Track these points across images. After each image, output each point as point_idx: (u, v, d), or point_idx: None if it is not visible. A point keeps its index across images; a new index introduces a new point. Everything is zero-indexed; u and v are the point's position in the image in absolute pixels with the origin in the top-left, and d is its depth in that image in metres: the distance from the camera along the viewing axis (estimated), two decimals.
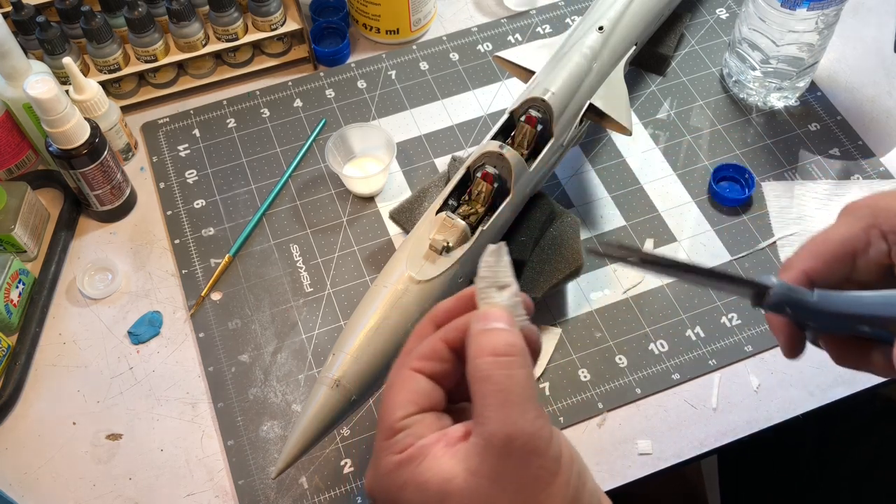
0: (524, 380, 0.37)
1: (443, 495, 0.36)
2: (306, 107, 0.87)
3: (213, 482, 0.66)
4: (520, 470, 0.35)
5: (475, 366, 0.37)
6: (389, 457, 0.37)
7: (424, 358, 0.40)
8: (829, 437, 0.80)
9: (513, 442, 0.35)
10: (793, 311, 0.44)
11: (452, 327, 0.40)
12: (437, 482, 0.36)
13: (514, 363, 0.37)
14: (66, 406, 0.69)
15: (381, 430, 0.39)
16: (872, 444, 0.78)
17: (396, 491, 0.37)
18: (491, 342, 0.37)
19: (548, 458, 0.35)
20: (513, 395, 0.36)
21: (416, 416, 0.38)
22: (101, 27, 0.79)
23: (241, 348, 0.72)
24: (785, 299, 0.43)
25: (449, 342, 0.40)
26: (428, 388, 0.39)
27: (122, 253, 0.78)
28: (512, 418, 0.35)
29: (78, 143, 0.71)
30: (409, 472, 0.36)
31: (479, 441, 0.36)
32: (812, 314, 0.44)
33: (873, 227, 0.46)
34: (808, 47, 0.78)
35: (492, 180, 0.63)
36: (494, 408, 0.36)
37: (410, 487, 0.36)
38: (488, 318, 0.38)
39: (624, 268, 0.74)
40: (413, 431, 0.38)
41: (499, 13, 0.94)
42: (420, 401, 0.39)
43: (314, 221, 0.79)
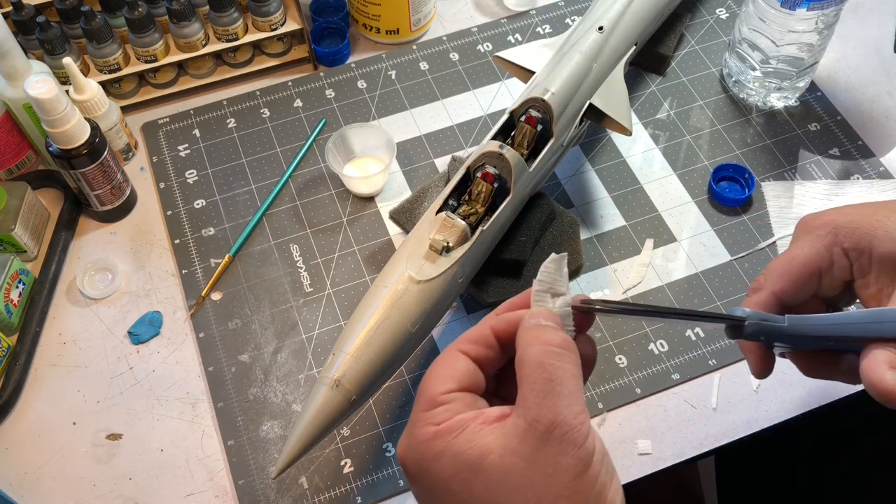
0: (573, 374, 0.39)
1: (477, 467, 0.37)
2: (306, 107, 0.87)
3: (213, 482, 0.66)
4: (557, 456, 0.37)
5: (527, 352, 0.39)
6: (427, 427, 0.39)
7: (471, 342, 0.42)
8: (827, 436, 0.80)
9: (555, 430, 0.37)
10: (766, 338, 0.46)
11: (503, 319, 0.42)
12: (473, 455, 0.37)
13: (566, 357, 0.39)
14: (66, 406, 0.69)
15: (421, 401, 0.40)
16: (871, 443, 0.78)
17: (431, 459, 0.38)
18: (545, 334, 0.39)
19: (583, 451, 0.37)
20: (561, 386, 0.38)
21: (457, 392, 0.40)
22: (102, 27, 0.79)
23: (241, 348, 0.72)
24: (759, 329, 0.45)
25: (497, 332, 0.42)
26: (471, 369, 0.41)
27: (122, 253, 0.78)
28: (557, 408, 0.37)
29: (78, 143, 0.71)
30: (446, 443, 0.38)
31: (521, 423, 0.37)
32: (785, 339, 0.46)
33: (835, 244, 0.48)
34: (808, 47, 0.78)
35: (492, 180, 0.63)
36: (542, 395, 0.37)
37: (446, 457, 0.38)
38: (540, 315, 0.41)
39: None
40: (452, 407, 0.39)
41: (499, 13, 0.94)
42: (462, 379, 0.40)
43: (314, 221, 0.79)
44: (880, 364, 0.43)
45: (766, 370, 0.50)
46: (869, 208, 0.50)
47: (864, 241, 0.48)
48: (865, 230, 0.48)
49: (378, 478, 0.65)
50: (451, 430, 0.39)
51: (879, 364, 0.43)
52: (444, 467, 0.38)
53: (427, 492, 0.40)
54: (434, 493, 0.39)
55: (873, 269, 0.48)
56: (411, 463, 0.40)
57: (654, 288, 0.74)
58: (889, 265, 0.47)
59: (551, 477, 0.37)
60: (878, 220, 0.48)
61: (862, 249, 0.48)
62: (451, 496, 0.38)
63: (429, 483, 0.39)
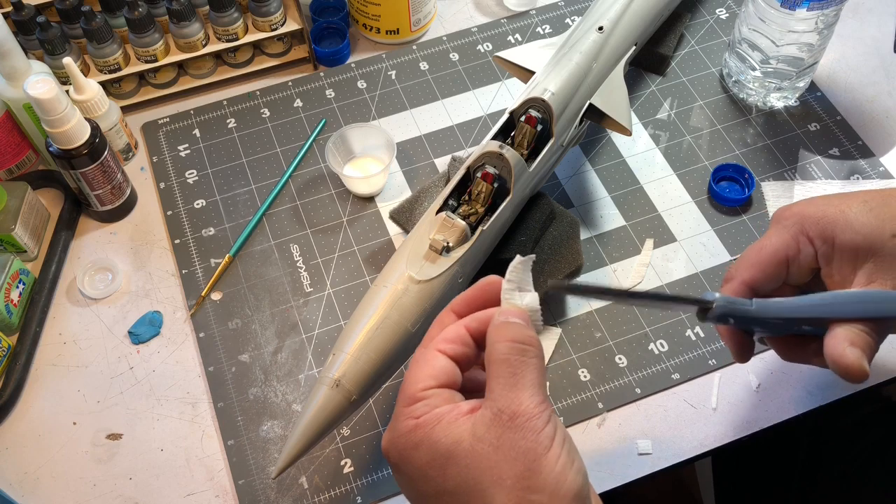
0: (536, 368, 0.42)
1: (450, 454, 0.41)
2: (306, 107, 0.87)
3: (213, 482, 0.66)
4: (518, 441, 0.40)
5: (495, 349, 0.43)
6: (407, 420, 0.43)
7: (448, 341, 0.45)
8: (826, 436, 0.80)
9: (517, 418, 0.41)
10: (735, 320, 0.48)
11: (475, 318, 0.46)
12: (447, 443, 0.42)
13: (530, 352, 0.43)
14: (67, 406, 0.69)
15: (402, 398, 0.44)
16: (871, 443, 0.78)
17: (411, 449, 0.43)
18: (511, 331, 0.43)
19: (543, 435, 0.41)
20: (524, 379, 0.42)
21: (435, 389, 0.44)
22: (102, 27, 0.79)
23: (242, 348, 0.72)
24: (727, 311, 0.48)
25: (471, 331, 0.46)
26: (448, 367, 0.44)
27: (122, 253, 0.78)
28: (520, 398, 0.41)
29: (78, 143, 0.71)
30: (423, 433, 0.42)
31: (488, 413, 0.41)
32: (753, 321, 0.49)
33: (801, 233, 0.51)
34: (808, 47, 0.78)
35: (492, 180, 0.63)
36: (507, 387, 0.41)
37: (424, 446, 0.42)
38: (509, 313, 0.44)
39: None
40: (430, 402, 0.43)
41: (499, 13, 0.94)
42: (439, 376, 0.44)
43: (314, 221, 0.79)
44: (840, 341, 0.46)
45: (744, 354, 0.52)
46: (835, 199, 0.52)
47: (827, 231, 0.50)
48: (829, 220, 0.50)
49: (378, 478, 0.65)
50: (428, 422, 0.42)
51: (840, 341, 0.46)
52: (422, 456, 0.42)
53: (408, 479, 0.44)
54: (413, 480, 0.43)
55: (835, 256, 0.50)
56: (394, 453, 0.44)
57: (654, 288, 0.74)
58: (849, 253, 0.49)
59: (514, 460, 0.40)
60: (841, 211, 0.50)
61: (826, 238, 0.50)
62: (427, 481, 0.42)
63: (409, 470, 0.43)
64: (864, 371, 0.46)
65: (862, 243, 0.47)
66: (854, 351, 0.46)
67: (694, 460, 0.66)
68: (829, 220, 0.49)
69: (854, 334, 0.46)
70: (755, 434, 0.67)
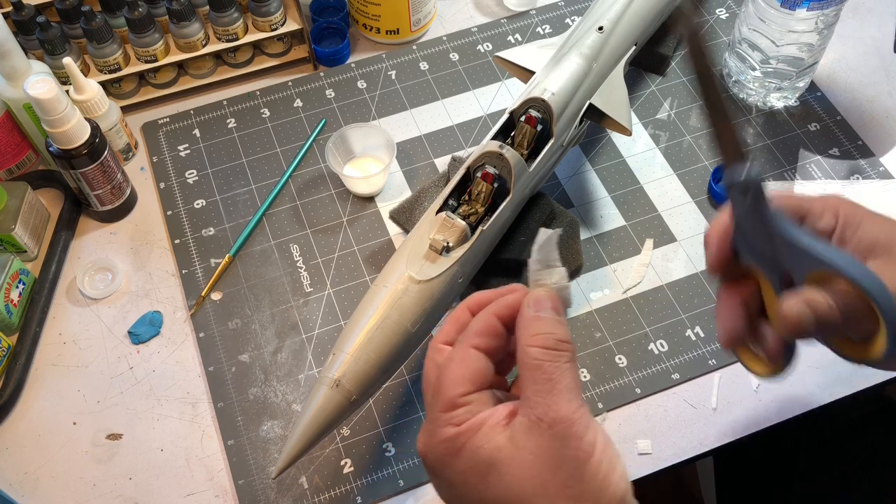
0: (571, 372, 0.42)
1: (492, 462, 0.41)
2: (306, 107, 0.87)
3: (213, 482, 0.66)
4: (559, 450, 0.40)
5: (528, 353, 0.42)
6: (448, 427, 0.42)
7: (481, 334, 0.44)
8: (826, 436, 0.80)
9: (556, 426, 0.40)
10: (753, 202, 0.45)
11: (504, 304, 0.45)
12: (488, 450, 0.41)
13: (564, 357, 0.42)
14: (67, 406, 0.69)
15: (440, 400, 0.43)
16: (870, 443, 0.78)
17: (451, 455, 0.42)
18: (542, 330, 0.42)
19: (584, 443, 0.40)
20: (560, 385, 0.41)
21: (474, 394, 0.43)
22: (102, 27, 0.79)
23: (241, 348, 0.72)
24: (759, 181, 0.45)
25: (501, 318, 0.45)
26: (483, 367, 0.44)
27: (122, 253, 0.78)
28: (558, 405, 0.41)
29: (78, 143, 0.71)
30: (465, 440, 0.42)
31: (526, 421, 0.41)
32: (761, 218, 0.46)
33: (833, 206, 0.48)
34: (808, 47, 0.78)
35: (492, 180, 0.63)
36: (543, 394, 0.41)
37: (465, 453, 0.42)
38: (540, 304, 0.43)
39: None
40: (470, 409, 0.43)
41: (499, 13, 0.94)
42: (477, 379, 0.43)
43: (314, 221, 0.79)
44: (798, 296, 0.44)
45: (720, 265, 0.49)
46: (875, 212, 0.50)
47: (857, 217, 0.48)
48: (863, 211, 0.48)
49: (378, 478, 0.65)
50: (469, 429, 0.42)
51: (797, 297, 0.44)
52: (463, 462, 0.42)
53: (447, 484, 0.43)
54: (454, 486, 0.43)
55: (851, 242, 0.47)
56: (432, 458, 0.43)
57: (653, 288, 0.74)
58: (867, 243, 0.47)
59: (557, 469, 0.40)
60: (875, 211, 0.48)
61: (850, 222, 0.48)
62: (468, 488, 0.42)
63: (449, 476, 0.43)
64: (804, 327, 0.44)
65: (883, 239, 0.46)
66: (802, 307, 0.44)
67: (694, 460, 0.66)
68: (863, 211, 0.48)
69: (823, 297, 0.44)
70: (755, 434, 0.67)
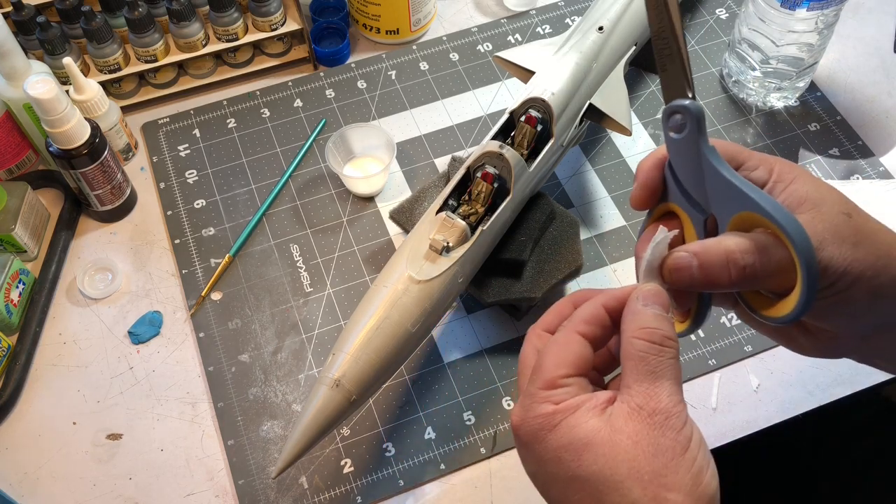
0: (673, 367, 0.42)
1: (588, 441, 0.41)
2: (306, 107, 0.87)
3: (213, 482, 0.66)
4: (658, 438, 0.41)
5: (633, 345, 0.43)
6: (546, 404, 0.43)
7: (587, 322, 0.45)
8: (827, 436, 0.80)
9: (655, 415, 0.41)
10: (689, 135, 0.45)
11: (613, 296, 0.45)
12: (585, 430, 0.42)
13: (668, 352, 0.42)
14: (67, 406, 0.69)
15: (541, 378, 0.44)
16: (871, 443, 0.78)
17: (546, 431, 0.43)
18: (647, 323, 0.43)
19: (682, 435, 0.41)
20: (663, 378, 0.42)
21: (574, 377, 0.44)
22: (102, 27, 0.79)
23: (241, 348, 0.72)
24: (700, 115, 0.44)
25: (608, 310, 0.45)
26: (585, 354, 0.44)
27: (122, 253, 0.78)
28: (659, 396, 0.41)
29: (78, 143, 0.71)
30: (561, 418, 0.42)
31: (626, 407, 0.42)
32: (695, 153, 0.45)
33: (769, 162, 0.47)
34: (808, 47, 0.78)
35: (492, 180, 0.63)
36: (645, 383, 0.42)
37: (561, 430, 0.42)
38: (648, 298, 0.44)
39: None
40: (570, 390, 0.43)
41: (499, 13, 0.94)
42: (578, 364, 0.44)
43: (314, 221, 0.79)
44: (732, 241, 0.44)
45: (647, 199, 0.49)
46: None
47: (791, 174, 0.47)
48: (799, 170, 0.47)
49: (378, 478, 0.65)
50: (567, 408, 0.42)
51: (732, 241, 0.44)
52: (558, 439, 0.42)
53: (538, 459, 0.43)
54: (544, 461, 0.43)
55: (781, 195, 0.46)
56: (526, 432, 0.44)
57: None
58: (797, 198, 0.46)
59: (653, 456, 0.40)
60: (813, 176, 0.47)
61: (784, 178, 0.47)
62: (560, 464, 0.42)
63: (541, 451, 0.43)
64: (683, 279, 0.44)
65: (813, 195, 0.45)
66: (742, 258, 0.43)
67: None
68: (799, 170, 0.47)
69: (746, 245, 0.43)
70: (755, 434, 0.67)
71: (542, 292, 0.68)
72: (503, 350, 0.71)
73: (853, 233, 0.44)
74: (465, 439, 0.67)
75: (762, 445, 0.80)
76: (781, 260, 0.43)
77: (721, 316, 0.72)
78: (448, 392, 0.69)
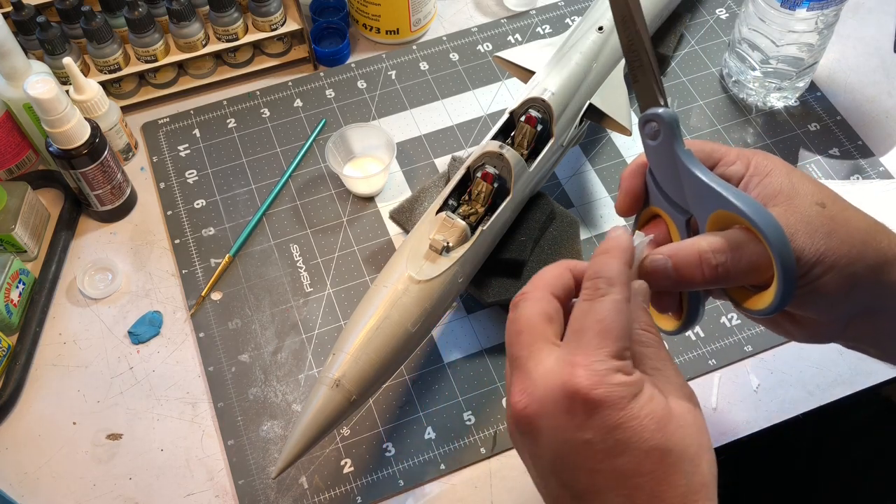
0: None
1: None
2: (306, 107, 0.87)
3: (213, 482, 0.66)
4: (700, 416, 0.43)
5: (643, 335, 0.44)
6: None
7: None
8: (827, 436, 0.80)
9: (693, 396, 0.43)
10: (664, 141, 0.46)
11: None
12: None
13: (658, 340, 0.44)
14: (67, 406, 0.69)
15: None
16: (871, 443, 0.78)
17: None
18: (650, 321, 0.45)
19: None
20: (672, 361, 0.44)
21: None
22: (102, 27, 0.79)
23: (241, 348, 0.72)
24: (673, 121, 0.46)
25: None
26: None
27: (122, 253, 0.78)
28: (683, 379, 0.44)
29: (78, 144, 0.71)
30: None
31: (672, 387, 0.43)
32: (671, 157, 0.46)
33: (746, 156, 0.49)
34: (808, 47, 0.78)
35: (492, 180, 0.63)
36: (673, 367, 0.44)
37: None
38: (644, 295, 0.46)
39: None
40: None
41: (499, 13, 0.94)
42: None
43: (314, 221, 0.79)
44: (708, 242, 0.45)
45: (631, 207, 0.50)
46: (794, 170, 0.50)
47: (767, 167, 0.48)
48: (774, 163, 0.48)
49: (378, 478, 0.65)
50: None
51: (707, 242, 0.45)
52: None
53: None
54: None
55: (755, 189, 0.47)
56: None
57: None
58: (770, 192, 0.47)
59: (705, 431, 0.43)
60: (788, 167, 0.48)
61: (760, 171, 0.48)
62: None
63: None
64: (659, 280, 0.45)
65: (787, 188, 0.46)
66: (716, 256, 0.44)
67: None
68: (775, 162, 0.48)
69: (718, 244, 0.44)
70: (755, 434, 0.67)
71: None
72: (503, 350, 0.71)
73: (826, 222, 0.44)
74: (465, 439, 0.67)
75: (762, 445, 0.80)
76: (756, 255, 0.44)
77: (721, 316, 0.72)
78: (448, 392, 0.69)
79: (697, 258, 0.44)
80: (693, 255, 0.44)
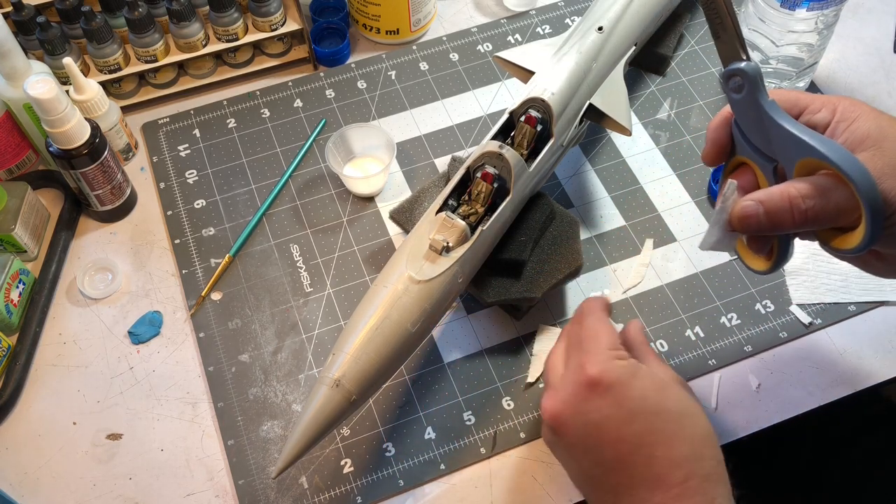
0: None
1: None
2: (306, 107, 0.87)
3: (213, 482, 0.66)
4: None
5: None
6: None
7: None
8: (827, 436, 0.80)
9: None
10: (749, 93, 0.49)
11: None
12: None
13: None
14: (67, 406, 0.69)
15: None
16: (871, 443, 0.78)
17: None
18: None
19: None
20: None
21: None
22: (102, 27, 0.79)
23: (241, 348, 0.72)
24: (757, 74, 0.48)
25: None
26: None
27: (122, 253, 0.78)
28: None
29: (78, 144, 0.71)
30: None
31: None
32: (756, 108, 0.49)
33: (831, 102, 0.51)
34: (808, 47, 0.78)
35: (492, 180, 0.63)
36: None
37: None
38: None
39: None
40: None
41: (499, 13, 0.94)
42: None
43: (314, 221, 0.79)
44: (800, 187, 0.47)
45: (719, 156, 0.54)
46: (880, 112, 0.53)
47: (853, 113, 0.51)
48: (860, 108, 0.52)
49: (378, 478, 0.65)
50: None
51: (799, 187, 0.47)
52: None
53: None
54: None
55: (843, 135, 0.50)
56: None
57: (653, 288, 0.74)
58: (859, 137, 0.49)
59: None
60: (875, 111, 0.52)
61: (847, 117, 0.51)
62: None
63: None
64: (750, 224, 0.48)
65: (874, 133, 0.48)
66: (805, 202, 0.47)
67: None
68: (863, 108, 0.50)
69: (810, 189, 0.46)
70: (755, 434, 0.67)
71: (542, 292, 0.68)
72: (503, 350, 0.71)
73: None
74: (465, 439, 0.67)
75: (762, 445, 0.80)
76: (843, 199, 0.46)
77: (721, 316, 0.72)
78: (448, 392, 0.69)
79: (788, 203, 0.47)
80: (784, 201, 0.47)
